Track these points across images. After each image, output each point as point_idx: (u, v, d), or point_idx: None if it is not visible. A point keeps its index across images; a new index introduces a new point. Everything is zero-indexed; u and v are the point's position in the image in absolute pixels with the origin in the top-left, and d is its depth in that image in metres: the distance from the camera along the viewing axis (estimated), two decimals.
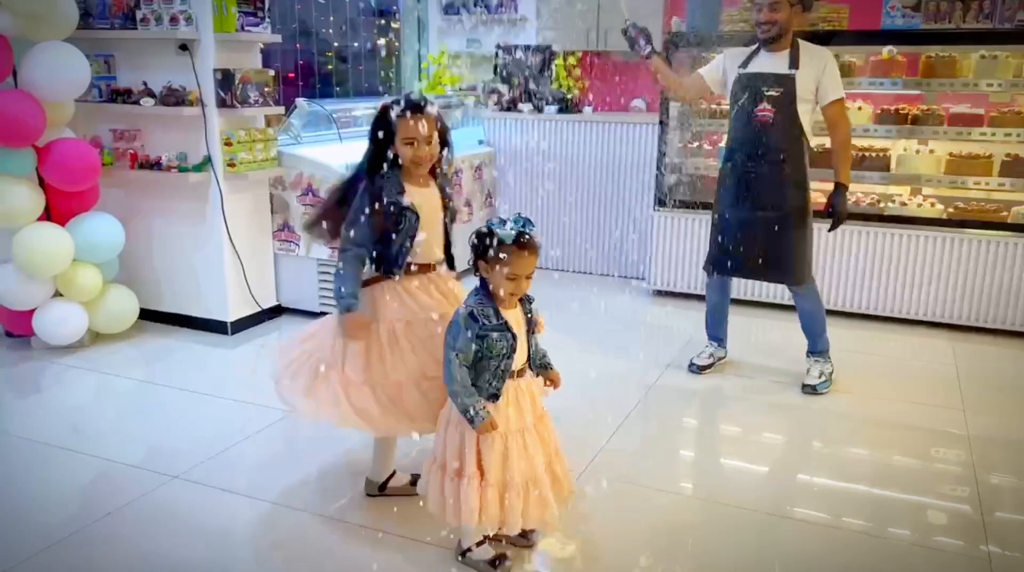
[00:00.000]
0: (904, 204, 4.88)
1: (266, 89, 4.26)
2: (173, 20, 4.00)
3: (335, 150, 4.42)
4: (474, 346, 2.20)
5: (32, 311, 4.07)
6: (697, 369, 4.03)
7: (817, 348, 3.91)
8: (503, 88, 6.09)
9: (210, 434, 3.29)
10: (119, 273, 4.35)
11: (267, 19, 4.24)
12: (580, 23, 6.70)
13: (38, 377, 3.98)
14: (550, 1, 6.82)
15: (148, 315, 4.52)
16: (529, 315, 2.36)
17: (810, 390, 3.83)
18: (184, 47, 4.08)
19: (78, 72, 3.82)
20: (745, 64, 3.72)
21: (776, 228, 3.72)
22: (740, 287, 4.90)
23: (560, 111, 5.84)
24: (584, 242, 5.90)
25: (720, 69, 3.86)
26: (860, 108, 4.97)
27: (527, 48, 6.21)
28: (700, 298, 4.94)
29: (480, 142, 5.87)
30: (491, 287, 2.26)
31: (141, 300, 4.41)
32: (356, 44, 7.00)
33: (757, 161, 3.71)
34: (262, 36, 4.26)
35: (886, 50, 4.85)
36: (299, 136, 4.64)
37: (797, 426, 3.57)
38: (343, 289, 2.40)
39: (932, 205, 4.85)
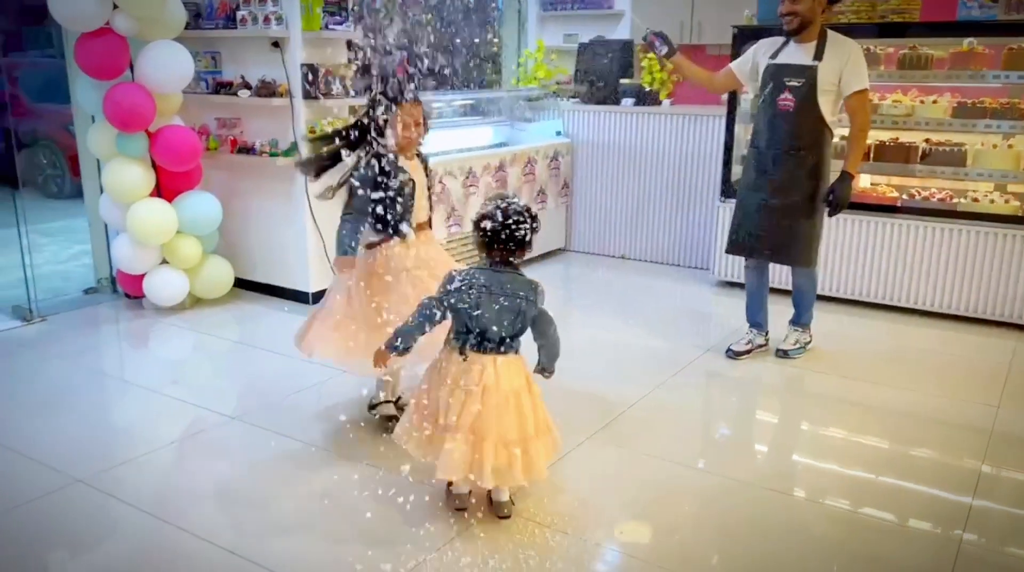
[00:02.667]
0: (976, 200, 4.76)
1: (347, 81, 4.69)
2: (266, 20, 4.48)
3: None
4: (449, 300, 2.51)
5: (143, 276, 4.68)
6: (733, 354, 4.15)
7: (801, 320, 4.20)
8: (583, 82, 6.30)
9: (279, 386, 3.73)
10: (218, 245, 4.91)
11: (350, 18, 4.67)
12: (674, 16, 6.82)
13: (147, 332, 4.58)
14: None
15: (241, 284, 5.08)
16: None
17: (782, 354, 4.14)
18: (276, 44, 4.57)
19: (183, 67, 4.37)
20: (775, 55, 3.84)
21: (788, 213, 3.88)
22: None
23: (637, 103, 6.00)
24: (655, 231, 6.05)
25: (750, 60, 3.99)
26: (935, 101, 4.88)
27: (607, 43, 6.39)
28: (779, 293, 5.05)
29: (558, 133, 6.12)
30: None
31: (236, 270, 4.96)
32: (458, 40, 7.37)
33: (777, 148, 3.86)
34: (345, 33, 4.69)
35: (966, 42, 4.75)
36: None
37: (823, 414, 3.66)
38: (344, 240, 2.93)
39: (1007, 202, 4.71)
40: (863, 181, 5.26)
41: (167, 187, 4.62)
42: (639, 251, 6.12)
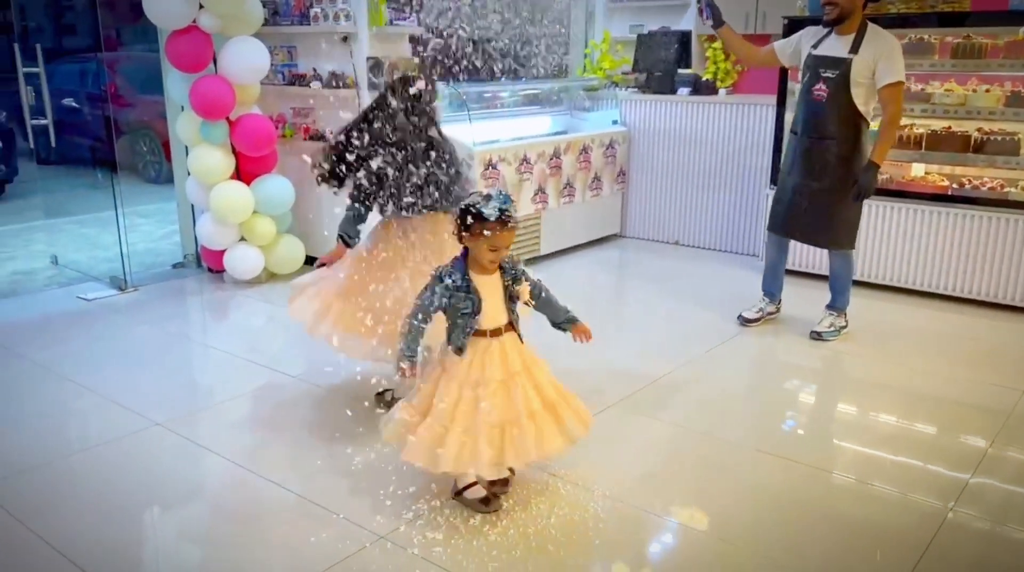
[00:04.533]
0: None
1: (411, 74, 5.01)
2: (336, 17, 4.85)
3: (463, 128, 5.10)
4: (436, 303, 2.53)
5: (223, 252, 5.14)
6: (743, 321, 4.42)
7: (836, 304, 4.31)
8: (641, 71, 6.48)
9: (338, 355, 4.09)
10: (291, 225, 5.32)
11: (414, 13, 4.99)
12: (739, 7, 6.90)
13: (227, 303, 5.04)
14: None
15: (312, 261, 5.48)
16: (508, 284, 2.60)
17: (816, 336, 4.26)
18: (345, 39, 4.93)
19: (260, 61, 4.77)
20: (816, 45, 3.98)
21: (820, 198, 4.05)
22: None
23: (693, 93, 6.14)
24: (707, 218, 6.19)
25: (793, 44, 4.17)
26: (988, 91, 4.88)
27: (666, 33, 6.54)
28: (813, 276, 5.20)
29: (614, 122, 6.31)
30: (472, 254, 2.55)
31: (307, 248, 5.37)
32: (530, 30, 7.61)
33: (811, 135, 4.03)
34: (410, 29, 5.03)
35: (1022, 31, 4.73)
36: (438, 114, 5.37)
37: (846, 394, 3.80)
38: (342, 229, 3.21)
39: None
40: (916, 170, 5.29)
41: (246, 171, 5.05)
42: (691, 237, 6.28)
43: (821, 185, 4.04)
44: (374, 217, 3.31)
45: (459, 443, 2.53)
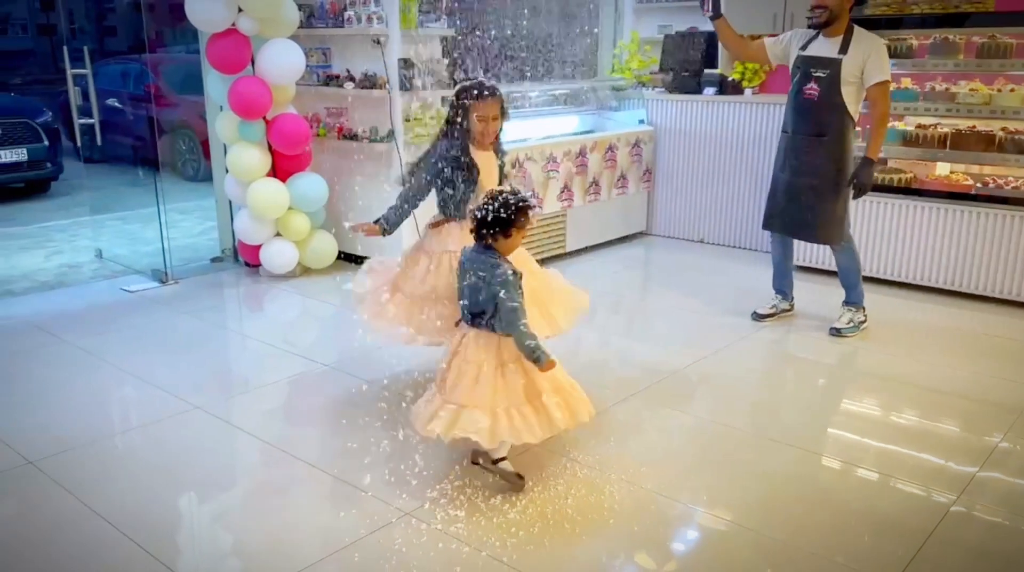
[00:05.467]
0: None
1: (440, 75, 5.16)
2: (369, 19, 5.01)
3: None
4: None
5: (259, 246, 5.33)
6: (757, 317, 4.54)
7: (850, 299, 4.39)
8: (667, 71, 6.57)
9: (370, 343, 4.25)
10: (324, 221, 5.50)
11: (444, 16, 5.14)
12: (768, 7, 6.96)
13: (263, 296, 5.23)
14: None
15: (344, 256, 5.67)
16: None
17: (835, 332, 4.33)
18: (378, 41, 5.09)
19: (296, 62, 4.95)
20: (805, 47, 4.11)
21: (809, 195, 4.19)
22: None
23: (718, 93, 6.22)
24: (731, 216, 6.26)
25: (782, 43, 4.30)
26: (1013, 90, 4.90)
27: (693, 34, 6.62)
28: (825, 273, 5.24)
29: (640, 121, 6.41)
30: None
31: (339, 244, 5.55)
32: (556, 30, 7.74)
33: (802, 133, 4.18)
34: (440, 31, 5.17)
35: None
36: None
37: (863, 389, 3.87)
38: (385, 213, 3.36)
39: None
40: (940, 169, 5.32)
41: (281, 168, 5.23)
42: (716, 235, 6.36)
43: (812, 181, 4.18)
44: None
45: (494, 417, 2.66)
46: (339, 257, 5.60)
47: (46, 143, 8.31)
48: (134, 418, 3.48)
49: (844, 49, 4.01)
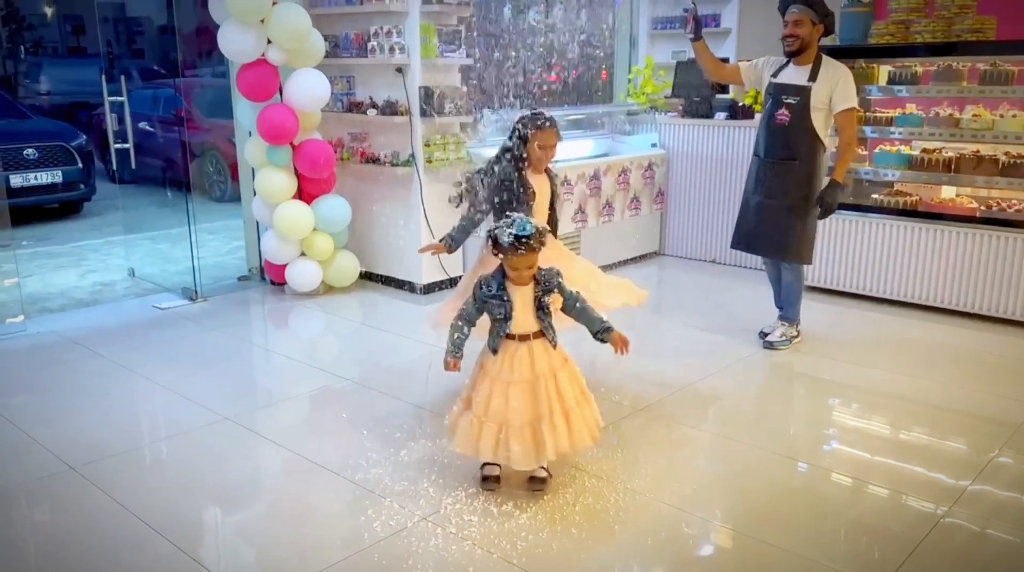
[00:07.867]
0: None
1: (459, 102, 5.38)
2: (391, 50, 5.24)
3: None
4: (473, 309, 2.95)
5: (285, 266, 5.55)
6: (763, 336, 4.65)
7: (787, 314, 4.60)
8: (679, 97, 6.75)
9: (392, 359, 4.46)
10: (347, 241, 5.72)
11: (463, 46, 5.36)
12: (780, 32, 7.13)
13: (288, 313, 5.44)
14: (751, 14, 7.34)
15: (366, 275, 5.88)
16: (539, 295, 2.89)
17: (767, 345, 4.53)
18: (399, 70, 5.32)
19: (322, 91, 5.19)
20: (776, 74, 4.29)
21: (779, 215, 4.36)
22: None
23: (729, 117, 6.39)
24: None
25: (756, 68, 4.50)
26: (1015, 116, 5.03)
27: None
28: (847, 295, 5.40)
29: (653, 145, 6.59)
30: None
31: (362, 263, 5.76)
32: (570, 57, 7.95)
33: (773, 157, 4.38)
34: (459, 60, 5.40)
35: None
36: (485, 139, 5.72)
37: (865, 407, 4.00)
38: (451, 232, 3.61)
39: None
40: (945, 192, 5.46)
41: (307, 191, 5.46)
42: (728, 255, 6.50)
43: (782, 202, 4.35)
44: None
45: (495, 437, 2.90)
46: (361, 276, 5.80)
47: (80, 165, 8.62)
48: (166, 427, 3.68)
49: (813, 77, 4.20)
